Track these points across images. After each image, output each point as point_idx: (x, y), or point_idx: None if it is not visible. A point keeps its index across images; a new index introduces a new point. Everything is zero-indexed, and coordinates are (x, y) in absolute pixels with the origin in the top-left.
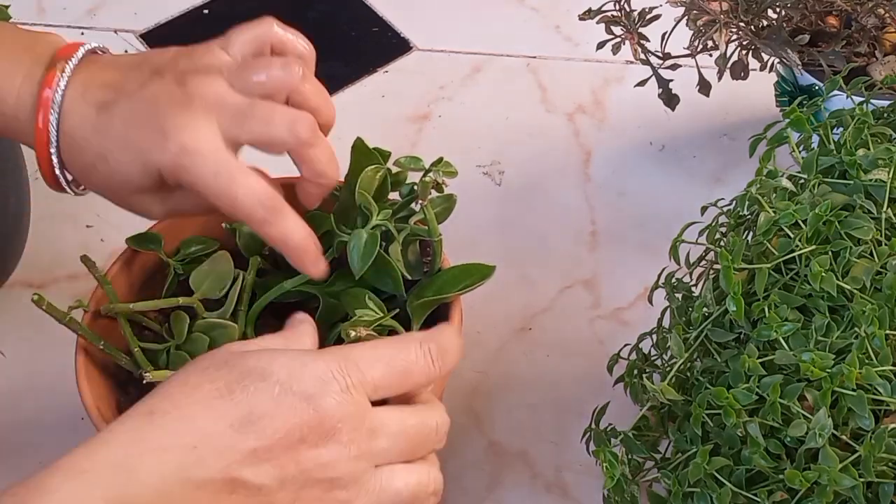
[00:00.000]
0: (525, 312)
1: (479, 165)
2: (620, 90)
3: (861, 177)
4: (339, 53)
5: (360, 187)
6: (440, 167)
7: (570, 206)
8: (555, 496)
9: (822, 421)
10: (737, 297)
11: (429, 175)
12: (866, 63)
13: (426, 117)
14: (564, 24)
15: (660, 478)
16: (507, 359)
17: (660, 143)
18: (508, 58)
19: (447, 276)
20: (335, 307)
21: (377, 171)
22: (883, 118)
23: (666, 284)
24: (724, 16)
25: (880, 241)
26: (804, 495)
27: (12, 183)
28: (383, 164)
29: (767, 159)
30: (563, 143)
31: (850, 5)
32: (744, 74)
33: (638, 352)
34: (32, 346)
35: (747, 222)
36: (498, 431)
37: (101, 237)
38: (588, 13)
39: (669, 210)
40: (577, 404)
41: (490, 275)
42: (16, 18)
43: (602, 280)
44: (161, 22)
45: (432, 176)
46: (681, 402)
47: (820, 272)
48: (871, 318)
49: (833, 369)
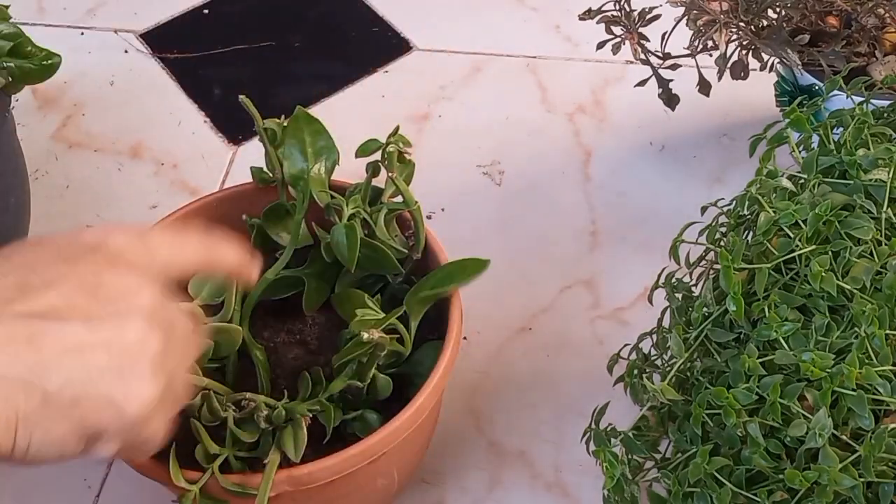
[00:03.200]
0: (525, 312)
1: (479, 165)
2: (620, 90)
3: (861, 177)
4: (339, 53)
5: (315, 188)
6: (396, 138)
7: (570, 206)
8: (555, 496)
9: (822, 421)
10: (737, 296)
11: (391, 146)
12: (866, 63)
13: (426, 117)
14: (564, 24)
15: (660, 478)
16: (507, 359)
17: (660, 143)
18: (508, 58)
19: (443, 273)
20: (320, 287)
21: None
22: (883, 118)
23: (666, 284)
24: (724, 16)
25: (880, 241)
26: (804, 495)
27: (12, 183)
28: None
29: (767, 159)
30: (563, 143)
31: (850, 5)
32: (744, 74)
33: (638, 352)
34: None
35: (747, 222)
36: (498, 431)
37: None
38: (588, 13)
39: (669, 210)
40: (577, 404)
41: (485, 268)
42: (16, 18)
43: (602, 280)
44: (161, 22)
45: (394, 147)
46: (681, 402)
47: (820, 272)
48: (871, 318)
49: (833, 369)
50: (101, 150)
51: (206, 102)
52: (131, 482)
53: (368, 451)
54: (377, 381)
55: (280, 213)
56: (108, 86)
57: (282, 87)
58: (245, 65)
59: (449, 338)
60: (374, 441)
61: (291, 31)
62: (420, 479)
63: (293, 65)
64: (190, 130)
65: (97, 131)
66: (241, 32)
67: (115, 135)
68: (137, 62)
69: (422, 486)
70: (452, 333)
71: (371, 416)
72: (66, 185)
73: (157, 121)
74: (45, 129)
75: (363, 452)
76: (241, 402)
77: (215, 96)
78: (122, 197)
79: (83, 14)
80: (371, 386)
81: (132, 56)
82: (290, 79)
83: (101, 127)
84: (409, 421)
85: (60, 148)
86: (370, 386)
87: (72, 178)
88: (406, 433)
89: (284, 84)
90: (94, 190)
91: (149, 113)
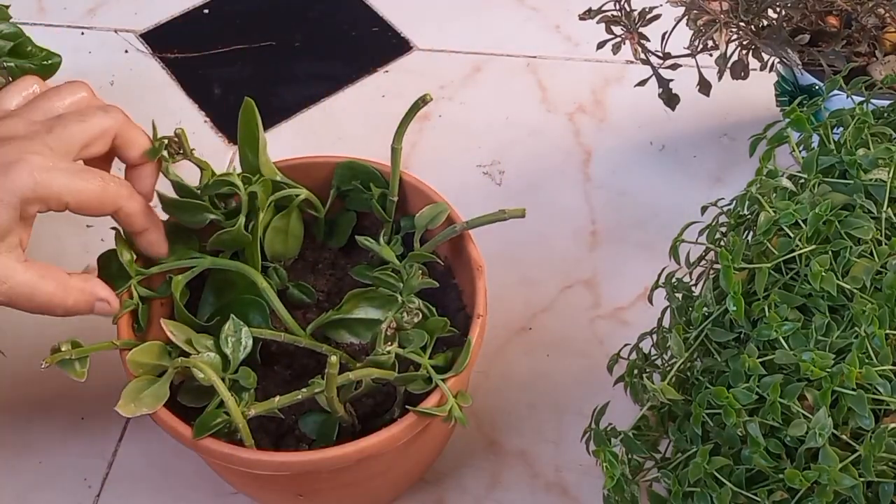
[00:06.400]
0: (525, 312)
1: (479, 165)
2: (620, 90)
3: (861, 176)
4: (339, 53)
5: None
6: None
7: (570, 206)
8: (555, 496)
9: (822, 420)
10: (737, 296)
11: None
12: (866, 63)
13: (426, 117)
14: (564, 23)
15: (660, 478)
16: (507, 359)
17: (660, 143)
18: (508, 58)
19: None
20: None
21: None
22: (883, 118)
23: (666, 284)
24: (724, 15)
25: (880, 240)
26: (804, 495)
27: None
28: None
29: (767, 159)
30: (563, 142)
31: (851, 5)
32: (744, 74)
33: (638, 352)
34: (32, 346)
35: (747, 222)
36: (498, 431)
37: (101, 237)
38: (588, 13)
39: (669, 210)
40: (577, 404)
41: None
42: (16, 18)
43: (602, 280)
44: (161, 22)
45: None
46: (681, 401)
47: (820, 272)
48: (871, 318)
49: (833, 369)
50: None
51: (206, 102)
52: (132, 482)
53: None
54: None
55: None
56: (108, 86)
57: (282, 87)
58: (245, 65)
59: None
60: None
61: (292, 31)
62: (420, 478)
63: (293, 65)
64: (190, 130)
65: None
66: (242, 32)
67: None
68: (137, 62)
69: (422, 485)
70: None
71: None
72: None
73: (157, 120)
74: None
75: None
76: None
77: (215, 96)
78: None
79: (83, 14)
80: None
81: (132, 56)
82: (290, 79)
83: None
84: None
85: None
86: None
87: None
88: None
89: (284, 84)
90: None
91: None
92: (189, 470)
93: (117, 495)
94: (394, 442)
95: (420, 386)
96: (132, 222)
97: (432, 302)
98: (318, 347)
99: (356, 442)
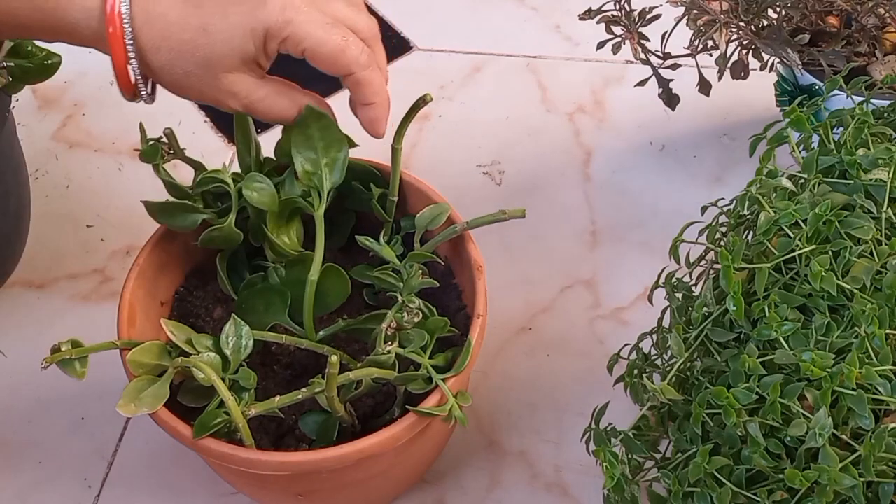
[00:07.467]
0: (525, 312)
1: (479, 165)
2: (620, 90)
3: (861, 176)
4: None
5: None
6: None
7: (570, 205)
8: (555, 496)
9: (822, 420)
10: (737, 296)
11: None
12: (866, 63)
13: (426, 117)
14: (564, 23)
15: (660, 478)
16: (507, 359)
17: (660, 143)
18: (508, 58)
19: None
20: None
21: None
22: (883, 118)
23: (666, 284)
24: (724, 16)
25: (880, 240)
26: (804, 495)
27: (12, 183)
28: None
29: (767, 159)
30: (563, 142)
31: (851, 5)
32: (744, 74)
33: (638, 352)
34: (32, 346)
35: (747, 222)
36: (498, 431)
37: (101, 237)
38: (588, 13)
39: (669, 210)
40: (577, 404)
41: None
42: None
43: (602, 280)
44: None
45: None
46: (681, 401)
47: (820, 272)
48: (871, 318)
49: (833, 369)
50: (101, 150)
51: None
52: (132, 482)
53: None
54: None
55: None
56: (108, 86)
57: None
58: None
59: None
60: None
61: None
62: (420, 478)
63: (293, 65)
64: (190, 130)
65: (97, 131)
66: None
67: (115, 135)
68: None
69: (422, 485)
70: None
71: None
72: (66, 185)
73: (157, 121)
74: (46, 129)
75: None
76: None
77: None
78: (122, 197)
79: None
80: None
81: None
82: (290, 78)
83: (101, 127)
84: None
85: (61, 148)
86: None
87: (72, 178)
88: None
89: None
90: (94, 190)
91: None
92: (189, 470)
93: (117, 495)
94: (394, 442)
95: (420, 386)
96: (360, 91)
97: (432, 302)
98: (320, 349)
99: (356, 442)
